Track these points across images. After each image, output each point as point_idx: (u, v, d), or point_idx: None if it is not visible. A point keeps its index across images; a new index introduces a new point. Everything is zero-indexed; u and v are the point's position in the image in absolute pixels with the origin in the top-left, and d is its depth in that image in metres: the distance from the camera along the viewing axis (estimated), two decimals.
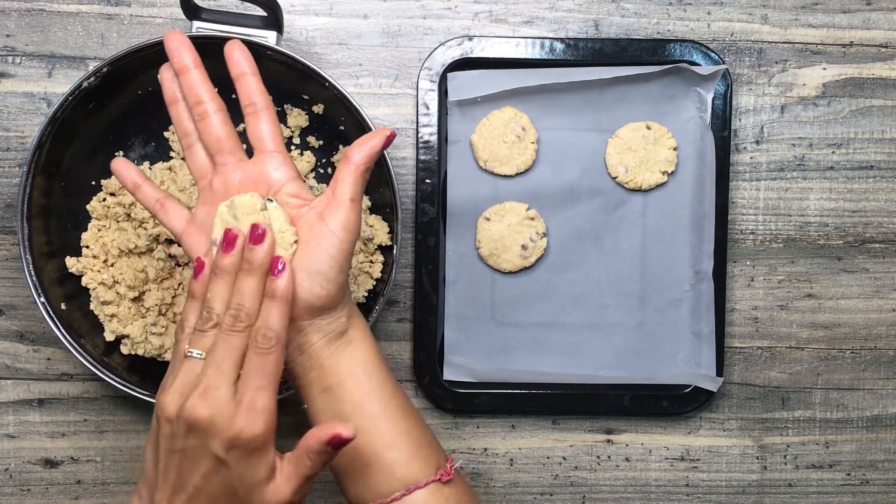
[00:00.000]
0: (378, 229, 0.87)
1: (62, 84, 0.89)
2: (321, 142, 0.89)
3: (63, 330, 0.81)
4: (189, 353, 0.64)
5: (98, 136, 0.86)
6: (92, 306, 0.86)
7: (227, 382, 0.61)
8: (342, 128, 0.87)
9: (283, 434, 0.92)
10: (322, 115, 0.88)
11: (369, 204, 0.88)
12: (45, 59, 0.89)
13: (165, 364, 0.86)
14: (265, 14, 0.79)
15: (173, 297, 0.87)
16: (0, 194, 0.90)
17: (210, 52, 0.81)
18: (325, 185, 0.89)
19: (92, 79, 0.80)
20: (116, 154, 0.88)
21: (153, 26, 0.90)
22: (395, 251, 0.83)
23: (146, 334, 0.85)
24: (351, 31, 0.91)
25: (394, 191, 0.82)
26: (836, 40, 0.93)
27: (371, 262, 0.87)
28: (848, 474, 0.96)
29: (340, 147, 0.88)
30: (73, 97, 0.80)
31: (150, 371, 0.85)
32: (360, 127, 0.82)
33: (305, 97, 0.87)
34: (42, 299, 0.81)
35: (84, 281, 0.86)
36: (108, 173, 0.87)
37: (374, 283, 0.87)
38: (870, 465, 0.96)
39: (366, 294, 0.87)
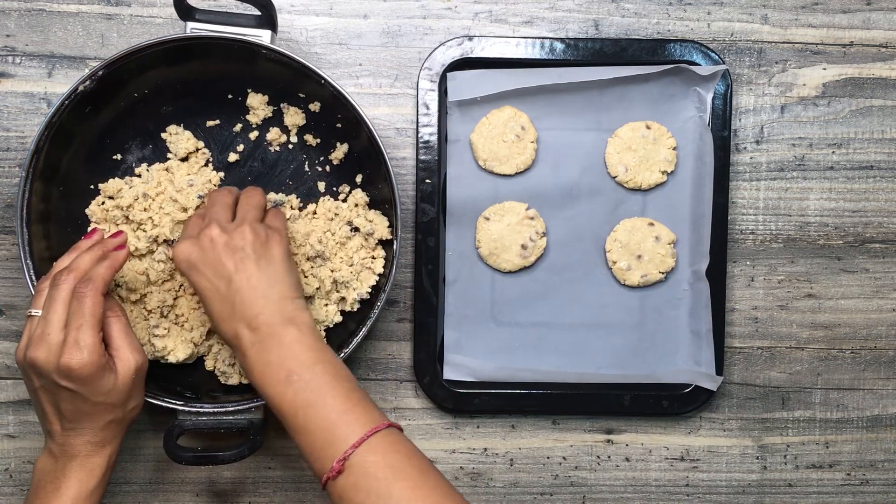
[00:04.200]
0: (378, 224, 0.84)
1: (62, 84, 0.86)
2: (318, 140, 0.86)
3: None
4: (30, 313, 0.73)
5: (95, 139, 0.84)
6: None
7: (56, 328, 0.71)
8: (339, 125, 0.85)
9: (281, 433, 0.89)
10: (319, 113, 0.85)
11: (367, 199, 0.86)
12: (45, 59, 0.86)
13: (168, 365, 0.84)
14: (259, 13, 0.77)
15: (175, 299, 0.84)
16: (0, 194, 0.87)
17: (205, 52, 0.80)
18: (323, 182, 0.86)
19: (88, 82, 0.78)
20: (115, 157, 0.85)
21: (153, 26, 0.87)
22: (395, 246, 0.81)
23: (149, 336, 0.83)
24: (351, 31, 0.88)
25: (392, 185, 0.80)
26: (836, 40, 0.91)
27: (373, 257, 0.85)
28: (848, 474, 0.93)
29: (338, 144, 0.86)
30: (69, 101, 0.78)
31: (152, 373, 0.82)
32: (357, 123, 0.80)
33: (302, 95, 0.84)
34: None
35: None
36: (106, 177, 0.84)
37: (377, 278, 0.84)
38: (870, 465, 0.93)
39: (369, 290, 0.84)
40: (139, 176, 0.85)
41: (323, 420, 0.69)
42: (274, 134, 0.85)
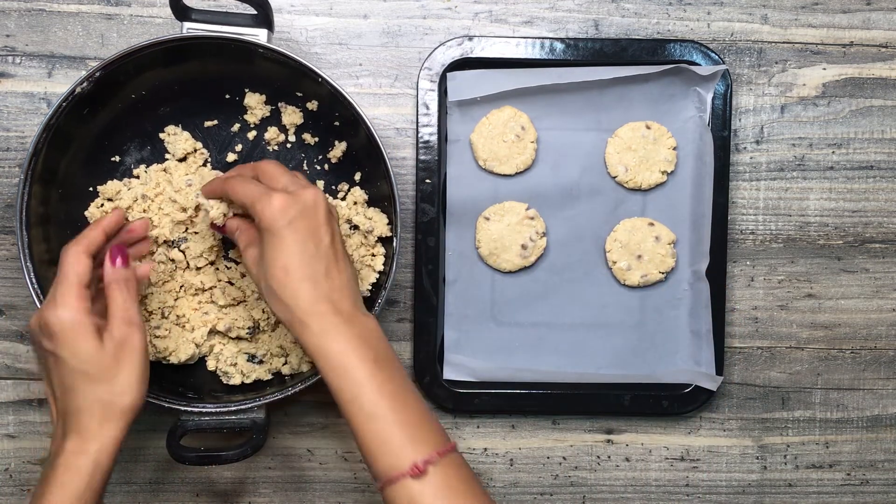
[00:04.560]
0: (377, 221, 0.83)
1: (62, 84, 0.85)
2: (316, 138, 0.85)
3: None
4: None
5: (93, 141, 0.82)
6: None
7: (49, 294, 0.70)
8: (337, 123, 0.83)
9: (281, 432, 0.88)
10: (317, 112, 0.84)
11: (366, 197, 0.85)
12: (45, 59, 0.85)
13: (169, 366, 0.83)
14: (255, 13, 0.76)
15: (175, 300, 0.83)
16: (0, 194, 0.86)
17: (202, 52, 0.79)
18: (321, 181, 0.85)
19: (85, 84, 0.76)
20: (113, 159, 0.84)
21: (153, 26, 0.86)
22: (395, 243, 0.80)
23: (150, 337, 0.82)
24: (351, 31, 0.87)
25: (390, 181, 0.79)
26: (836, 40, 0.89)
27: (373, 255, 0.84)
28: (848, 474, 0.92)
29: (336, 143, 0.85)
30: (66, 103, 0.76)
31: (153, 373, 0.81)
32: (354, 121, 0.79)
33: (299, 94, 0.83)
34: None
35: None
36: (104, 179, 0.83)
37: (378, 275, 0.83)
38: (870, 465, 0.92)
39: (370, 288, 0.83)
40: (137, 177, 0.83)
41: (415, 414, 0.66)
42: (272, 133, 0.84)
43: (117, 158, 0.84)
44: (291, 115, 0.84)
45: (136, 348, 0.70)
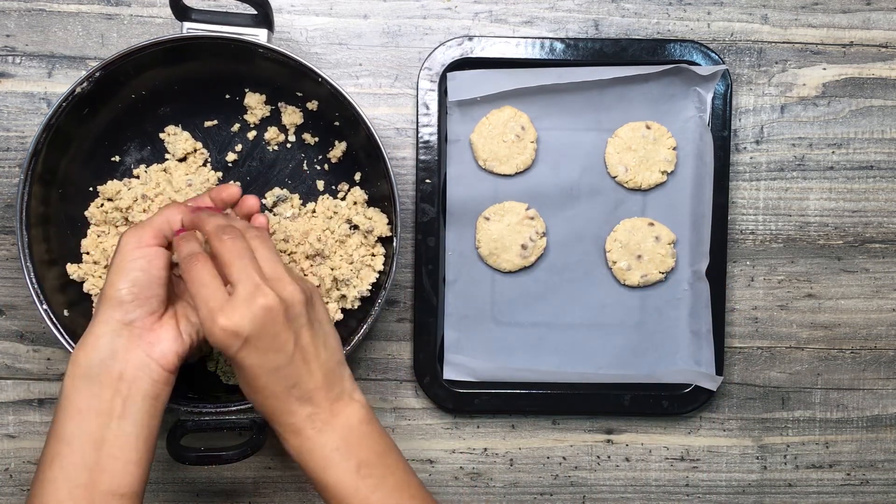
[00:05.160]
0: (377, 221, 0.82)
1: (62, 84, 0.85)
2: (317, 138, 0.84)
3: (67, 337, 0.77)
4: None
5: (93, 141, 0.82)
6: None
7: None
8: (337, 123, 0.83)
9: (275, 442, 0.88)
10: (317, 112, 0.83)
11: (366, 197, 0.84)
12: (45, 59, 0.85)
13: None
14: (255, 13, 0.76)
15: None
16: (0, 194, 0.86)
17: (202, 52, 0.79)
18: (321, 181, 0.85)
19: (85, 84, 0.76)
20: (113, 159, 0.83)
21: (153, 26, 0.85)
22: (395, 243, 0.80)
23: None
24: (351, 31, 0.86)
25: (390, 180, 0.78)
26: (836, 40, 0.89)
27: (373, 255, 0.83)
28: (848, 474, 0.91)
29: (336, 143, 0.84)
30: (66, 104, 0.76)
31: None
32: (354, 121, 0.79)
33: (299, 94, 0.82)
34: (45, 307, 0.77)
35: (86, 287, 0.81)
36: (104, 179, 0.83)
37: (378, 275, 0.83)
38: (870, 465, 0.91)
39: (369, 287, 0.82)
40: (137, 177, 0.83)
41: None
42: (272, 133, 0.84)
43: (117, 158, 0.83)
44: (291, 115, 0.83)
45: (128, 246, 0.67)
